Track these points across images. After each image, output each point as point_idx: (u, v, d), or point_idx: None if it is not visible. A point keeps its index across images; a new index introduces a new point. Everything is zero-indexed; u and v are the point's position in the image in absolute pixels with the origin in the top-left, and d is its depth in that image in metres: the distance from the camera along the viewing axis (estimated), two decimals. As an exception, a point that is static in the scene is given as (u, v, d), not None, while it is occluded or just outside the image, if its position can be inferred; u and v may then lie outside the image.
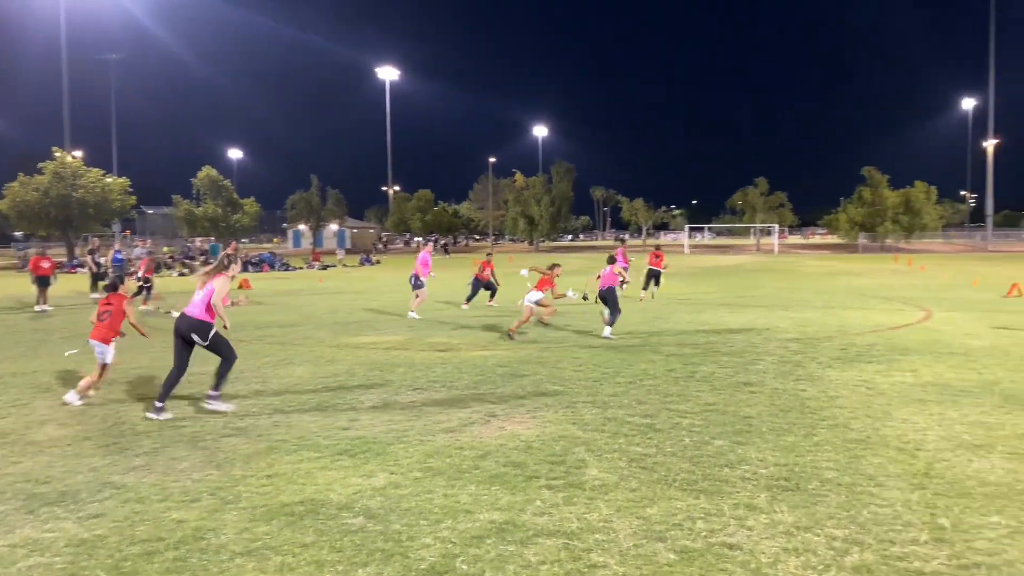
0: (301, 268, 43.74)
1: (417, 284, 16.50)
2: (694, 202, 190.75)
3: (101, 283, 23.41)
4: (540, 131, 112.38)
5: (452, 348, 12.04)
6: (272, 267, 42.44)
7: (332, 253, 57.97)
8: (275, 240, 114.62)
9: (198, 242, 62.66)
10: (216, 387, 8.06)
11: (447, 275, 34.60)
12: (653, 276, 20.57)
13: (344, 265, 47.47)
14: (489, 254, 20.56)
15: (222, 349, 7.99)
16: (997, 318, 15.25)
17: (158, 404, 7.72)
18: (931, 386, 8.72)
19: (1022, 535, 4.48)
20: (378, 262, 51.90)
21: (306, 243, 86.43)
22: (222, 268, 8.10)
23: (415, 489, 5.38)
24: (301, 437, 6.85)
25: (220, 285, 7.91)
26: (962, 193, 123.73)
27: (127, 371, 10.20)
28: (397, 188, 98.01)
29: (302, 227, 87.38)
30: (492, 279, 19.13)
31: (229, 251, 8.72)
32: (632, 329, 13.98)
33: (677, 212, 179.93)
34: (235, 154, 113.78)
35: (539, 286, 13.38)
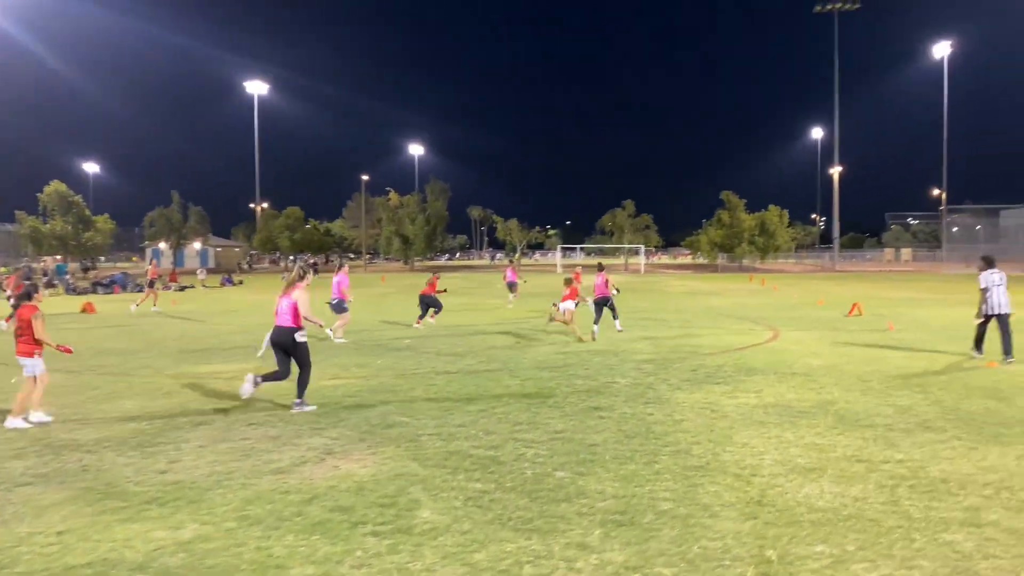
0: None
1: (340, 308, 15.98)
2: (568, 222, 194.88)
3: None
4: (416, 150, 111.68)
5: (302, 376, 11.43)
6: (124, 288, 39.88)
7: (193, 273, 55.25)
8: (133, 259, 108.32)
9: (46, 261, 58.29)
10: (299, 395, 8.83)
11: (322, 295, 33.44)
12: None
13: (204, 286, 45.17)
14: (435, 272, 21.05)
15: (303, 357, 8.81)
16: (838, 337, 16.05)
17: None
18: (772, 407, 8.92)
19: (843, 564, 4.49)
20: (240, 283, 49.73)
21: (166, 263, 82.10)
22: (298, 279, 8.88)
23: (225, 542, 4.88)
24: (110, 484, 6.18)
25: (300, 296, 8.75)
26: (812, 216, 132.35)
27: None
28: (265, 205, 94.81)
29: (162, 246, 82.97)
30: (436, 296, 19.13)
31: (305, 263, 9.02)
32: (493, 353, 13.80)
33: (552, 232, 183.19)
34: (91, 168, 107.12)
35: (570, 296, 15.64)
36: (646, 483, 6.03)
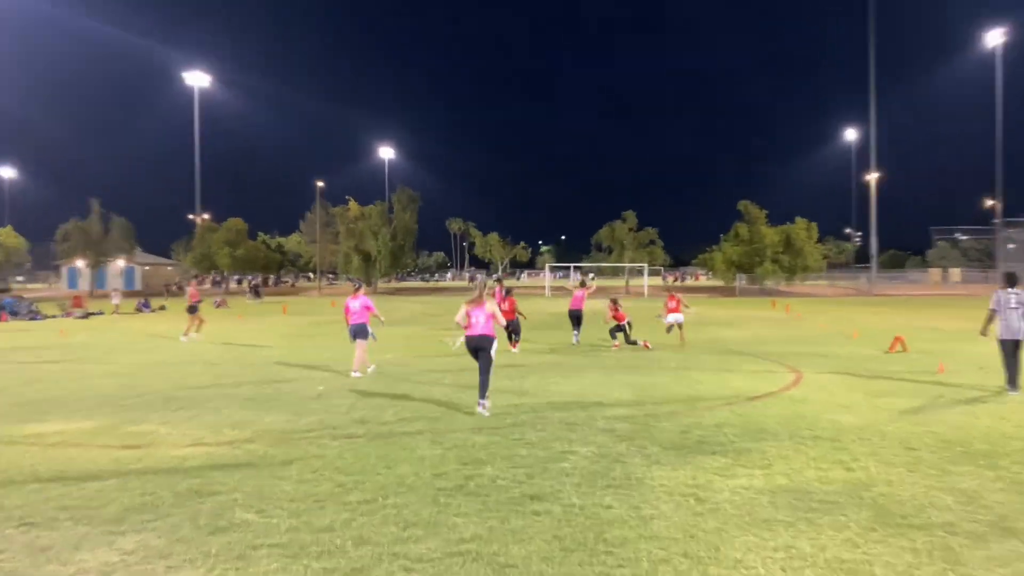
0: (55, 316, 39.40)
1: (364, 334, 16.17)
2: (563, 237, 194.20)
3: None
4: (387, 153, 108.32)
5: (151, 443, 9.74)
6: (15, 315, 37.97)
7: (107, 296, 53.44)
8: (52, 280, 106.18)
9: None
10: (482, 395, 11.47)
11: (252, 324, 31.29)
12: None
13: (118, 312, 43.31)
14: (499, 279, 22.99)
15: (487, 362, 11.54)
16: (876, 383, 14.49)
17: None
18: (784, 493, 7.30)
19: None
20: (162, 308, 47.52)
21: (85, 284, 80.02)
22: (482, 296, 11.81)
23: None
24: None
25: (494, 308, 11.78)
26: (846, 231, 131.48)
27: None
28: (206, 216, 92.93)
29: (80, 263, 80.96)
30: (518, 314, 21.01)
31: (484, 280, 9.91)
32: (422, 407, 12.13)
33: (545, 249, 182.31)
34: (5, 172, 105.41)
35: (674, 309, 22.02)
36: (571, 645, 4.37)
